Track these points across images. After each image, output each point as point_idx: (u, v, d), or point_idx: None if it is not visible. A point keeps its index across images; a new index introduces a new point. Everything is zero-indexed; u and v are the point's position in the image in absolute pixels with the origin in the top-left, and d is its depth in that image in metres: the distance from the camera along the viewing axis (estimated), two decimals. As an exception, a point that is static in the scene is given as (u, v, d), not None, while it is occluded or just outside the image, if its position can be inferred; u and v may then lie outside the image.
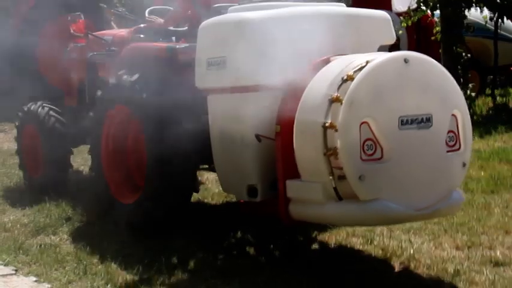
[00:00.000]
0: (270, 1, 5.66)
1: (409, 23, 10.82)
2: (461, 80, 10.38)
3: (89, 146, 6.60)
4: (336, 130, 4.72)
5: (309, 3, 5.73)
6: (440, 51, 10.56)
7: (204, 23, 5.54)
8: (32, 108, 7.49)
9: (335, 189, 4.85)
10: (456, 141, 5.06)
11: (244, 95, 5.27)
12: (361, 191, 4.73)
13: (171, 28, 6.51)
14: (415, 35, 12.17)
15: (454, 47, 10.32)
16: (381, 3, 11.75)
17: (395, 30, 10.36)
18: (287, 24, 5.24)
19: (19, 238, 6.17)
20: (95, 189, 6.46)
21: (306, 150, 4.94)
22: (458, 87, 5.12)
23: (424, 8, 10.64)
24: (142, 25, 6.85)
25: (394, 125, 4.79)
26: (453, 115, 5.03)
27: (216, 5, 5.86)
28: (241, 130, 5.31)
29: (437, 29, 10.51)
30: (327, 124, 4.74)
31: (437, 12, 10.97)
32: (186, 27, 6.41)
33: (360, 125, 4.71)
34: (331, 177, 4.82)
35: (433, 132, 4.92)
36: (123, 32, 6.99)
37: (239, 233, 6.12)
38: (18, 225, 6.50)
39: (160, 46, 6.11)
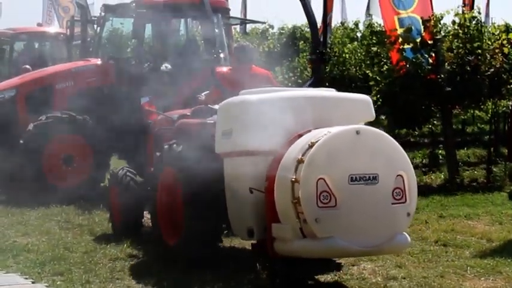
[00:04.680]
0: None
1: None
2: None
3: None
4: (299, 183, 6.64)
5: (302, 89, 7.74)
6: None
7: (221, 103, 7.66)
8: (115, 171, 9.81)
9: (300, 229, 6.75)
10: (402, 196, 6.85)
11: (244, 158, 7.34)
12: (317, 231, 6.61)
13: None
14: None
15: None
16: None
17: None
18: (279, 105, 7.26)
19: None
20: (153, 232, 8.60)
21: (281, 199, 6.90)
22: (405, 154, 6.93)
23: None
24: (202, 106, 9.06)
25: (344, 181, 6.65)
26: (399, 175, 6.84)
27: (242, 91, 7.89)
28: (242, 184, 7.33)
29: None
30: (293, 179, 6.68)
31: None
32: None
33: (317, 180, 6.60)
34: (297, 220, 6.73)
35: (379, 188, 6.75)
36: (187, 111, 9.18)
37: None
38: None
39: (197, 122, 8.28)
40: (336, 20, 25.62)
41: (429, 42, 14.18)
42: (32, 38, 21.12)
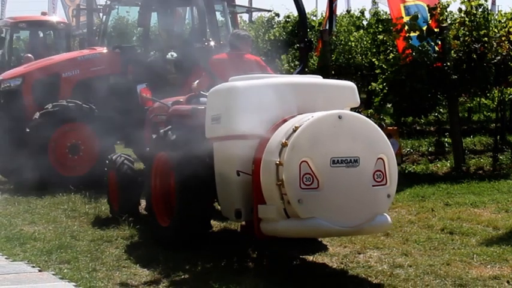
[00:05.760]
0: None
1: None
2: None
3: None
4: (283, 166, 7.05)
5: (288, 76, 8.13)
6: None
7: (211, 90, 8.08)
8: (113, 157, 10.28)
9: (284, 210, 7.16)
10: (383, 178, 7.24)
11: (232, 142, 7.75)
12: (300, 211, 7.02)
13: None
14: None
15: None
16: None
17: None
18: (265, 91, 7.67)
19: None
20: (148, 215, 9.05)
21: (266, 181, 7.31)
22: (386, 139, 7.31)
23: None
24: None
25: (326, 163, 7.05)
26: (380, 158, 7.22)
27: (231, 78, 8.30)
28: (231, 167, 7.75)
29: None
30: (277, 162, 7.09)
31: None
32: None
33: (300, 163, 7.01)
34: (282, 201, 7.14)
35: (360, 171, 7.14)
36: (181, 98, 9.60)
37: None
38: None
39: (187, 108, 8.71)
40: (341, 8, 25.90)
41: (435, 30, 14.30)
42: (31, 27, 21.41)
